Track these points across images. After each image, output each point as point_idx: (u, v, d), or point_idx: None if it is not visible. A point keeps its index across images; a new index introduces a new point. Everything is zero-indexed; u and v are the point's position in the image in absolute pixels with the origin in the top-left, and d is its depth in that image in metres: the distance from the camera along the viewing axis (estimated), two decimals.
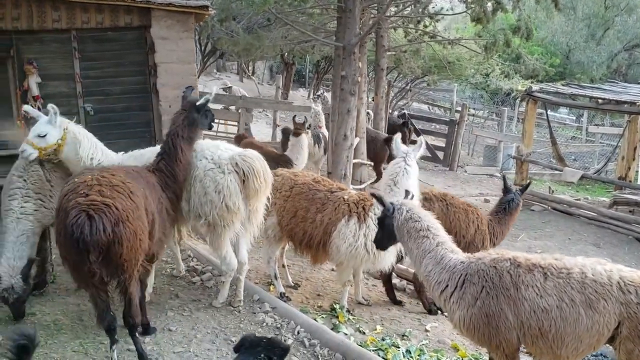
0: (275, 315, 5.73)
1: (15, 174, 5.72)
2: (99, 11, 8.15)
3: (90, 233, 4.04)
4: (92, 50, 8.41)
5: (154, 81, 8.51)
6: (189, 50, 8.34)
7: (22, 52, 8.20)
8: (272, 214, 6.20)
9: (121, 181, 4.44)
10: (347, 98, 7.77)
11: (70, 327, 5.40)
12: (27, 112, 5.88)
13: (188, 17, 8.20)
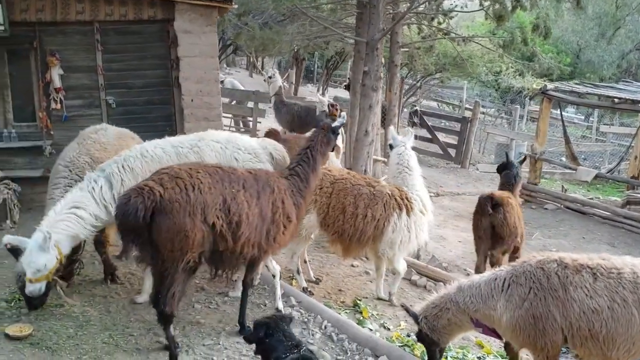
0: (301, 310, 5.75)
1: (62, 163, 5.84)
2: (123, 4, 8.20)
3: (124, 214, 4.20)
4: (114, 43, 8.47)
5: (176, 75, 8.56)
6: (211, 44, 8.38)
7: (45, 43, 8.28)
8: (311, 211, 6.11)
9: (189, 175, 4.45)
10: (369, 94, 7.77)
11: (98, 318, 5.42)
12: (8, 242, 5.00)
13: (211, 11, 8.23)
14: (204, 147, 5.48)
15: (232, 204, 4.55)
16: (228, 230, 4.55)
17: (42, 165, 8.54)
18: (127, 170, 5.18)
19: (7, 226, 7.77)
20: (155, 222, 4.25)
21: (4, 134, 8.42)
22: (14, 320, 5.21)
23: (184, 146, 5.45)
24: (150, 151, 5.34)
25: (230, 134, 6.02)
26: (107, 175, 5.15)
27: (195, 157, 5.36)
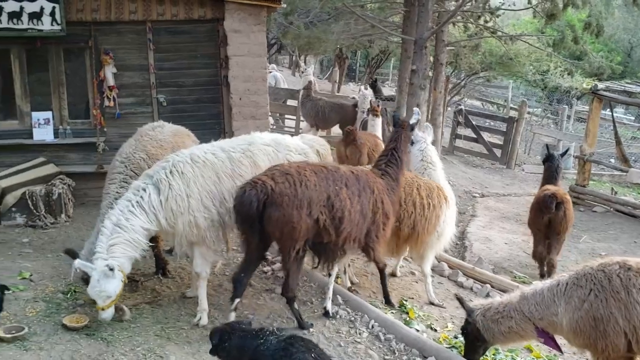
0: (347, 308, 5.75)
1: (119, 159, 5.98)
2: (174, 3, 8.36)
3: (241, 204, 4.69)
4: (166, 42, 8.65)
5: (224, 74, 8.68)
6: (260, 43, 8.47)
7: (100, 42, 8.50)
8: None
9: (297, 172, 4.81)
10: (416, 92, 7.74)
11: (150, 311, 5.55)
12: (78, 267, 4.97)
13: (260, 10, 8.32)
14: (256, 151, 5.51)
15: (335, 200, 4.89)
16: (331, 224, 4.91)
17: (95, 161, 8.80)
18: (177, 175, 5.15)
19: (61, 220, 8.03)
20: (266, 213, 4.67)
21: (59, 131, 8.70)
22: (70, 311, 5.39)
23: (235, 150, 5.45)
24: (202, 156, 5.31)
25: (275, 135, 6.06)
26: (155, 182, 5.13)
27: (248, 162, 5.41)
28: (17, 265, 6.39)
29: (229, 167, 5.33)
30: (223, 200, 5.29)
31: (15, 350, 4.66)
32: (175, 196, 5.07)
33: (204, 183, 5.20)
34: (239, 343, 3.74)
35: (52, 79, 8.65)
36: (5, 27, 7.98)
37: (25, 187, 7.84)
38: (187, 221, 5.12)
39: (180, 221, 5.11)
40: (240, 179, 5.29)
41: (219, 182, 5.27)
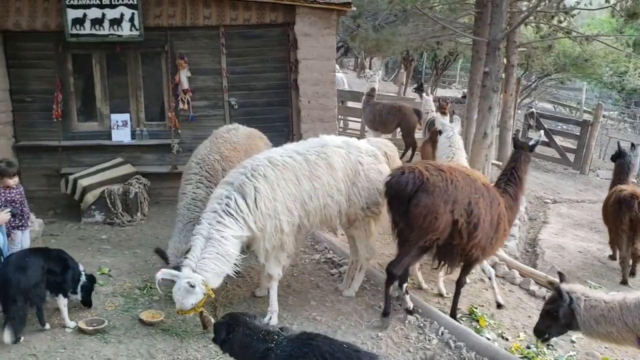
0: (416, 314, 5.69)
1: (194, 160, 6.15)
2: (247, 8, 8.52)
3: (397, 183, 5.01)
4: (238, 46, 8.83)
5: (294, 77, 8.77)
6: (329, 46, 8.51)
7: (175, 47, 8.78)
8: None
9: (449, 171, 5.13)
10: (489, 95, 7.56)
11: (221, 309, 5.67)
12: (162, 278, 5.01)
13: (330, 14, 8.37)
14: (330, 152, 5.49)
15: (474, 207, 5.15)
16: (466, 228, 5.15)
17: (169, 162, 9.10)
18: (261, 178, 5.15)
19: (137, 218, 8.35)
20: (416, 197, 4.94)
21: (136, 132, 9.06)
22: (146, 306, 5.59)
23: (310, 153, 5.45)
24: (280, 159, 5.32)
25: (344, 138, 6.08)
26: (237, 187, 5.10)
27: (324, 163, 5.41)
28: (97, 260, 6.69)
29: (307, 169, 5.34)
30: (303, 203, 5.32)
31: (96, 342, 4.88)
32: (264, 198, 5.07)
33: (285, 186, 5.21)
34: (244, 341, 3.60)
35: (130, 82, 9.01)
36: (88, 33, 8.39)
37: (104, 186, 8.21)
38: (273, 225, 5.14)
39: (269, 225, 5.11)
40: (318, 180, 5.33)
41: (299, 184, 5.29)
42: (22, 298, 4.66)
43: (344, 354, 3.38)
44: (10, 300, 4.62)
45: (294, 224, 5.34)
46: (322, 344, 3.44)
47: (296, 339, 3.52)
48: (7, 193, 5.83)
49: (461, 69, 35.96)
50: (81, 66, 9.01)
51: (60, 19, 8.37)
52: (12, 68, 8.77)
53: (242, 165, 5.39)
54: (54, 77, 8.79)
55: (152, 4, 8.48)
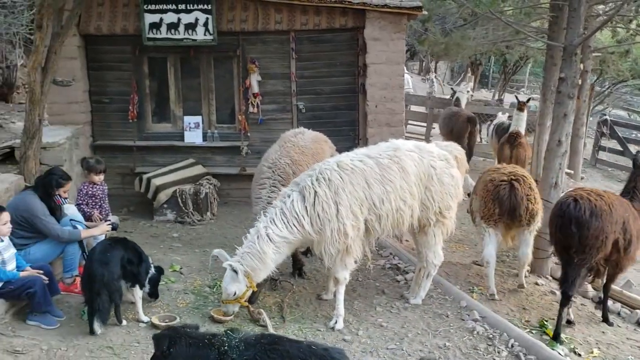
0: (485, 325, 5.57)
1: (265, 164, 6.26)
2: (317, 13, 8.59)
3: (575, 208, 5.39)
4: (307, 51, 8.92)
5: (362, 81, 8.78)
6: (399, 50, 8.48)
7: (247, 51, 8.95)
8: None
9: (606, 195, 5.64)
10: (564, 101, 7.28)
11: (288, 311, 5.74)
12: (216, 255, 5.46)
13: (401, 18, 8.33)
14: (402, 156, 5.48)
15: (627, 225, 5.63)
16: (623, 245, 5.66)
17: (238, 164, 9.27)
18: (323, 183, 5.25)
19: (207, 217, 8.56)
20: (590, 222, 5.35)
21: (207, 134, 9.29)
22: (216, 305, 5.72)
23: (382, 157, 5.46)
24: (349, 163, 5.37)
25: (416, 142, 6.05)
26: (301, 189, 5.26)
27: (397, 167, 5.40)
28: (169, 258, 6.91)
29: (378, 172, 5.35)
30: (372, 207, 5.34)
31: None
32: (322, 202, 5.16)
33: (352, 190, 5.25)
34: (189, 352, 3.28)
35: (203, 85, 9.25)
36: (164, 37, 8.68)
37: (176, 186, 8.46)
38: (335, 228, 5.19)
39: (329, 228, 5.18)
40: (391, 184, 5.33)
41: (369, 188, 5.31)
42: (106, 291, 4.89)
43: (314, 355, 3.28)
44: (95, 293, 4.86)
45: (360, 228, 5.35)
46: (289, 347, 3.31)
47: (257, 343, 3.32)
48: (90, 188, 6.13)
49: (530, 74, 35.00)
50: (156, 69, 9.33)
51: (138, 23, 8.69)
52: (92, 70, 9.18)
53: (313, 167, 5.50)
54: (130, 79, 9.14)
55: (226, 9, 8.68)
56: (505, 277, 7.25)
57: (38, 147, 7.04)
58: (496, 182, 6.55)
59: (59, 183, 5.52)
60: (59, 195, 5.57)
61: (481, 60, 23.65)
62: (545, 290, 6.99)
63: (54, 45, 6.83)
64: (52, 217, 5.41)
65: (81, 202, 6.13)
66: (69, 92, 8.86)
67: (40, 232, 5.35)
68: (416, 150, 5.63)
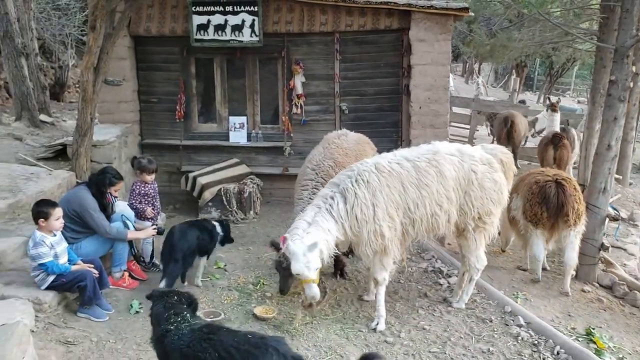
0: (530, 331, 5.47)
1: (309, 166, 6.30)
2: (362, 14, 8.61)
3: None
4: (351, 52, 8.94)
5: (406, 82, 8.75)
6: (444, 52, 8.40)
7: (292, 53, 9.03)
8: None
9: None
10: (614, 105, 7.11)
11: (330, 310, 5.77)
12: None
13: (447, 19, 8.27)
14: (441, 160, 5.40)
15: None
16: None
17: (281, 164, 9.37)
18: (362, 184, 5.22)
19: (250, 216, 8.67)
20: None
21: (252, 134, 9.42)
22: (259, 302, 5.80)
23: (420, 160, 5.39)
24: (387, 166, 5.33)
25: (458, 145, 5.96)
26: (341, 190, 5.22)
27: (434, 171, 5.33)
28: (213, 255, 7.00)
29: (415, 176, 5.30)
30: (407, 210, 5.29)
31: None
32: (361, 204, 5.13)
33: (389, 192, 5.22)
34: (157, 315, 3.61)
35: (248, 86, 9.38)
36: (212, 38, 8.84)
37: (221, 185, 8.60)
38: (372, 230, 5.17)
39: (365, 230, 5.16)
40: (427, 188, 5.27)
41: (404, 191, 5.27)
42: (181, 259, 5.69)
43: (250, 344, 3.27)
44: (173, 259, 5.63)
45: (397, 229, 5.32)
46: (224, 338, 3.33)
47: (198, 331, 3.40)
48: (143, 187, 6.31)
49: (576, 77, 34.21)
50: (203, 70, 9.51)
51: (186, 24, 8.88)
52: (141, 71, 9.43)
53: (351, 168, 5.46)
54: (178, 79, 9.34)
55: (272, 11, 8.78)
56: (550, 282, 7.12)
57: (89, 145, 7.28)
58: (541, 183, 6.51)
59: (111, 182, 5.69)
60: (110, 193, 5.74)
61: (526, 62, 23.27)
62: (592, 298, 6.84)
63: (105, 45, 7.05)
64: (102, 214, 5.58)
65: (134, 200, 6.30)
66: (119, 92, 9.11)
67: (90, 227, 5.52)
68: (457, 153, 5.53)
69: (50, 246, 4.85)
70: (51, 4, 13.25)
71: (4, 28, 10.50)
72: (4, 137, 9.35)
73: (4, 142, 9.07)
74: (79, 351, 4.57)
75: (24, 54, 10.93)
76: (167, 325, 3.47)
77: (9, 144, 9.00)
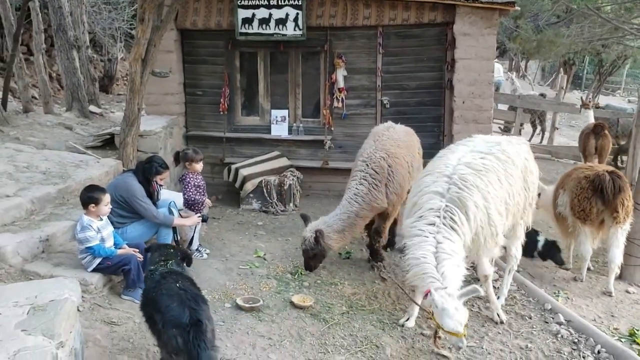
0: (570, 329, 5.38)
1: (360, 159, 6.36)
2: (406, 8, 8.58)
3: None
4: (394, 46, 8.91)
5: (449, 77, 8.68)
6: (489, 46, 8.31)
7: (334, 47, 9.07)
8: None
9: None
10: None
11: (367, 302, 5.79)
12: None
13: (492, 13, 8.16)
14: (509, 149, 5.32)
15: None
16: None
17: (321, 157, 9.43)
18: (473, 189, 4.84)
19: (289, 208, 8.77)
20: None
21: (293, 128, 9.51)
22: (297, 291, 5.87)
23: (495, 152, 5.20)
24: (479, 163, 5.05)
25: (497, 137, 5.92)
26: (453, 199, 4.77)
27: (511, 162, 5.22)
28: (253, 244, 7.16)
29: (502, 168, 5.15)
30: (507, 203, 5.11)
31: (252, 319, 5.22)
32: (480, 211, 4.82)
33: (493, 190, 4.98)
34: (150, 258, 4.39)
35: (290, 80, 9.47)
36: (256, 32, 8.96)
37: (262, 177, 8.72)
38: (488, 234, 4.93)
39: (482, 236, 4.90)
40: (511, 179, 5.18)
41: (501, 186, 5.07)
42: None
43: (188, 292, 3.78)
44: None
45: (506, 225, 5.27)
46: (171, 281, 3.88)
47: (163, 273, 4.02)
48: (195, 178, 6.47)
49: (627, 75, 33.12)
50: (247, 63, 9.63)
51: (231, 18, 9.02)
52: (187, 64, 9.62)
53: (438, 171, 5.03)
54: (222, 73, 9.50)
55: (315, 5, 8.83)
56: (593, 282, 6.97)
57: (136, 135, 7.49)
58: (592, 177, 6.36)
59: (158, 170, 5.85)
60: (156, 181, 5.91)
61: (574, 59, 22.66)
62: (637, 299, 6.65)
63: (153, 38, 7.24)
64: (148, 199, 5.75)
65: (190, 193, 6.44)
66: (165, 84, 9.32)
67: (137, 212, 5.70)
68: (513, 142, 5.57)
69: (97, 230, 5.01)
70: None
71: (58, 21, 10.89)
72: (55, 126, 9.70)
73: (55, 130, 9.41)
74: (122, 331, 4.73)
75: (76, 46, 11.30)
76: (150, 266, 4.20)
77: (60, 132, 9.34)
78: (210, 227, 7.71)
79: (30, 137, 8.59)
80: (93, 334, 4.52)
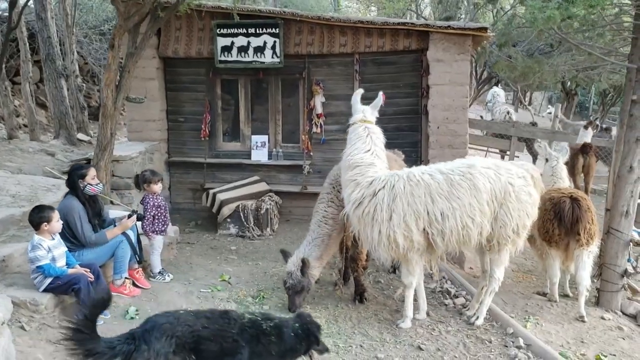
0: (529, 353, 5.26)
1: (327, 181, 6.43)
2: (381, 35, 8.67)
3: None
4: (371, 73, 8.98)
5: (424, 103, 8.70)
6: (462, 72, 8.33)
7: (312, 74, 9.16)
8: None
9: None
10: (636, 125, 6.87)
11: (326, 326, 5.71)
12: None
13: (465, 40, 8.21)
14: (476, 173, 5.39)
15: None
16: None
17: (300, 182, 9.45)
18: (387, 187, 5.41)
19: (266, 233, 8.74)
20: None
21: (272, 153, 9.56)
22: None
23: (454, 173, 5.41)
24: (417, 175, 5.43)
25: (494, 160, 5.99)
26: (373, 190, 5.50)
27: (467, 185, 5.33)
28: (221, 268, 7.13)
29: (446, 188, 5.33)
30: (434, 221, 5.32)
31: None
32: (377, 204, 5.38)
33: (412, 202, 5.31)
34: None
35: (270, 106, 9.56)
36: (235, 59, 9.09)
37: (240, 201, 8.73)
38: (384, 233, 5.35)
39: (377, 229, 5.38)
40: (458, 201, 5.29)
41: (432, 202, 5.31)
42: None
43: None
44: None
45: (415, 240, 5.37)
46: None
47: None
48: (155, 199, 6.49)
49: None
50: (228, 90, 9.75)
51: (212, 46, 9.16)
52: (169, 91, 9.76)
53: (394, 172, 5.65)
54: (204, 99, 9.61)
55: (293, 33, 8.96)
56: (568, 308, 6.84)
57: (109, 159, 7.55)
58: (555, 200, 6.40)
59: (81, 174, 5.64)
60: (88, 184, 5.65)
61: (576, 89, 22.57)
62: (612, 325, 6.51)
63: (127, 64, 7.36)
64: (87, 223, 5.59)
65: (148, 213, 6.41)
66: (147, 111, 9.43)
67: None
68: (493, 167, 5.54)
69: (48, 249, 5.02)
70: (94, 29, 13.96)
71: (47, 51, 11.15)
72: (37, 152, 9.84)
73: (36, 157, 9.55)
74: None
75: (64, 75, 11.53)
76: None
77: (40, 158, 9.48)
78: (182, 251, 7.71)
79: (8, 162, 8.72)
80: (34, 353, 4.50)
